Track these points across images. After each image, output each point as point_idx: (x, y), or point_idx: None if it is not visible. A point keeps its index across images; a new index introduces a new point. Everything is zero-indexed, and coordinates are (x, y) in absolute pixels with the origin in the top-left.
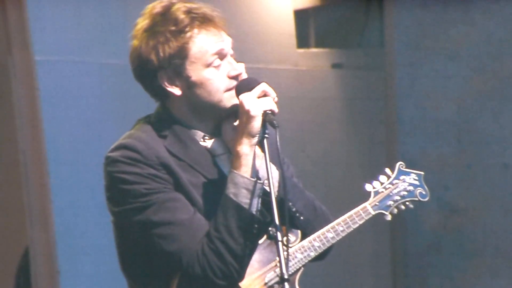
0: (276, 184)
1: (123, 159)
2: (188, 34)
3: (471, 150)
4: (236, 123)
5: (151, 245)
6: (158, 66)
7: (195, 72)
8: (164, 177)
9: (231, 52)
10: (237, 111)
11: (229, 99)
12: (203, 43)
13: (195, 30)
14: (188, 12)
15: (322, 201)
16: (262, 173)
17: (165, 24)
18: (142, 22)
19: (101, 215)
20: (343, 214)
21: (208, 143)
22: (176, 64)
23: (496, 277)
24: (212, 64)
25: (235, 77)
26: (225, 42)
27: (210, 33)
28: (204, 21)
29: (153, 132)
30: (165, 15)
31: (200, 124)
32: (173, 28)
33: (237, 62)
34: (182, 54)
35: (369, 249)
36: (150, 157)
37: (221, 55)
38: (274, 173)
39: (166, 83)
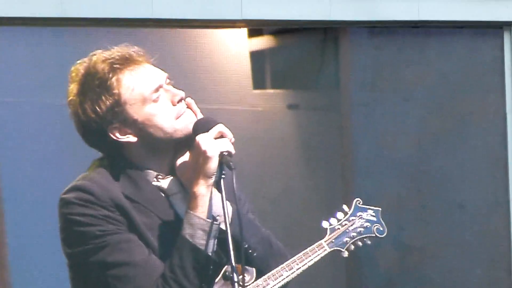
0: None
1: (77, 201)
2: (113, 80)
3: (427, 190)
4: (187, 157)
5: (107, 286)
6: (103, 123)
7: (138, 113)
8: (118, 219)
9: (163, 81)
10: (190, 142)
11: (182, 125)
12: (131, 83)
13: (119, 73)
14: (105, 60)
15: (281, 240)
16: (218, 211)
17: (91, 81)
18: (71, 88)
19: (58, 256)
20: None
21: (162, 182)
22: (118, 113)
23: None
24: (149, 99)
25: (179, 102)
26: (152, 74)
27: (134, 71)
28: (124, 62)
29: (107, 173)
30: (88, 73)
31: (154, 164)
32: (98, 82)
33: (179, 89)
34: (117, 101)
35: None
36: (104, 199)
37: (154, 88)
38: (230, 210)
39: (118, 135)
